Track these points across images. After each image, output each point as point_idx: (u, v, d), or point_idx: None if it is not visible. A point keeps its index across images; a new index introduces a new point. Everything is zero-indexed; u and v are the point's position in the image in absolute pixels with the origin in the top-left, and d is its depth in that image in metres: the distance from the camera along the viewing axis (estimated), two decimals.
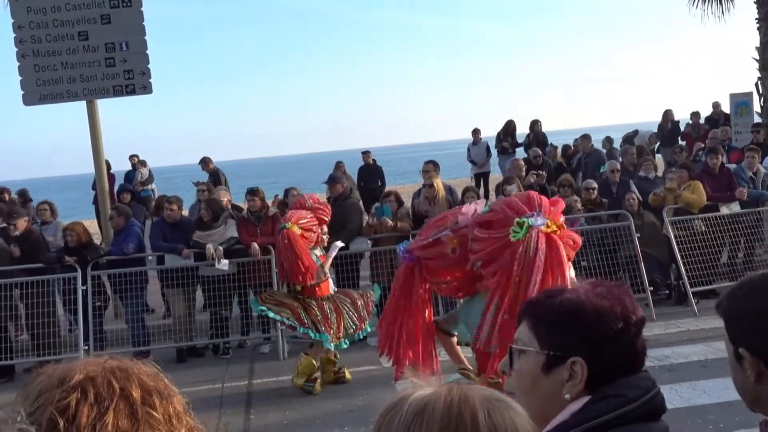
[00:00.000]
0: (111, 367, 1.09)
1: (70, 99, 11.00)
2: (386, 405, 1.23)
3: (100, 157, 11.30)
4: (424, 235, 4.58)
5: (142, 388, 1.08)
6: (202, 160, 14.47)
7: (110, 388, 1.05)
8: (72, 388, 1.04)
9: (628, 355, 1.61)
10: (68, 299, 9.29)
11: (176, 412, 1.10)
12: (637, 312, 1.65)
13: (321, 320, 7.40)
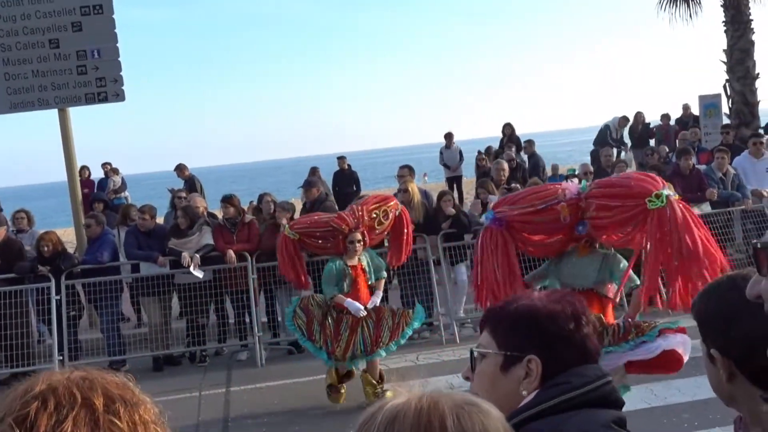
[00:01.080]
0: (75, 377, 1.10)
1: (41, 107, 10.91)
2: (364, 415, 1.26)
3: (73, 165, 11.21)
4: (522, 203, 5.24)
5: (106, 396, 1.09)
6: (178, 167, 14.39)
7: (71, 397, 1.06)
8: (33, 398, 1.05)
9: (579, 353, 1.70)
10: (42, 309, 9.18)
11: (143, 420, 1.10)
12: (587, 314, 1.77)
13: (331, 335, 7.00)
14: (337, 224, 7.03)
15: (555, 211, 5.12)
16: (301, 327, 7.01)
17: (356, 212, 7.12)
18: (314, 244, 7.18)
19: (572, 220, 5.15)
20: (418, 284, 9.54)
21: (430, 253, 9.43)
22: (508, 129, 16.68)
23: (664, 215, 4.87)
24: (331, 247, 7.17)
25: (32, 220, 10.82)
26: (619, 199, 4.96)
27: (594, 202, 5.06)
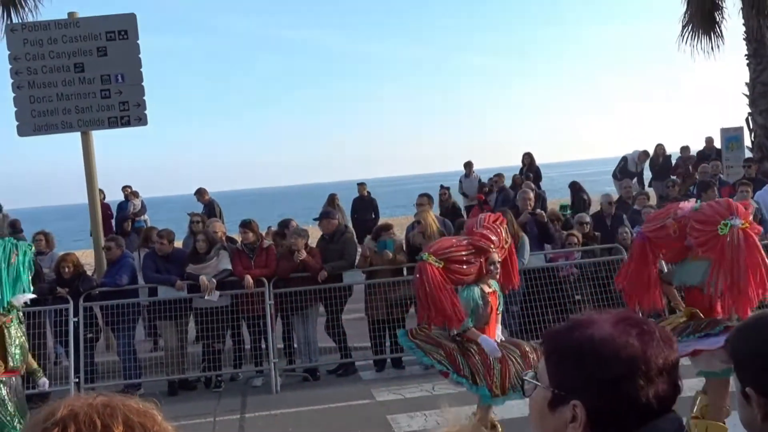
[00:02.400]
0: (97, 404, 1.10)
1: (65, 130, 11.03)
2: None
3: (94, 188, 11.30)
4: (653, 222, 6.24)
5: (126, 424, 1.08)
6: (198, 191, 14.47)
7: (92, 425, 1.05)
8: (53, 424, 1.05)
9: (630, 405, 1.48)
10: (59, 331, 9.20)
11: None
12: (654, 359, 1.49)
13: (482, 370, 5.99)
14: (483, 244, 6.17)
15: (667, 228, 6.00)
16: (442, 361, 6.04)
17: (494, 229, 6.39)
18: (459, 271, 6.12)
19: (680, 235, 5.94)
20: None
21: None
22: (527, 158, 16.66)
23: (725, 242, 5.59)
24: (473, 273, 6.19)
25: (51, 243, 10.89)
26: (700, 223, 5.77)
27: (690, 222, 5.87)
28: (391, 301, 9.35)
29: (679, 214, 6.00)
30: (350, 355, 9.62)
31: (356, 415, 7.73)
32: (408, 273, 9.57)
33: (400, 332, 6.56)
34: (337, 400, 8.28)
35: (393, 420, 7.44)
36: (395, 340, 9.44)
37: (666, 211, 6.35)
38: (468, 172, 17.39)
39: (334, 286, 9.41)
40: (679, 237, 5.97)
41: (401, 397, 8.29)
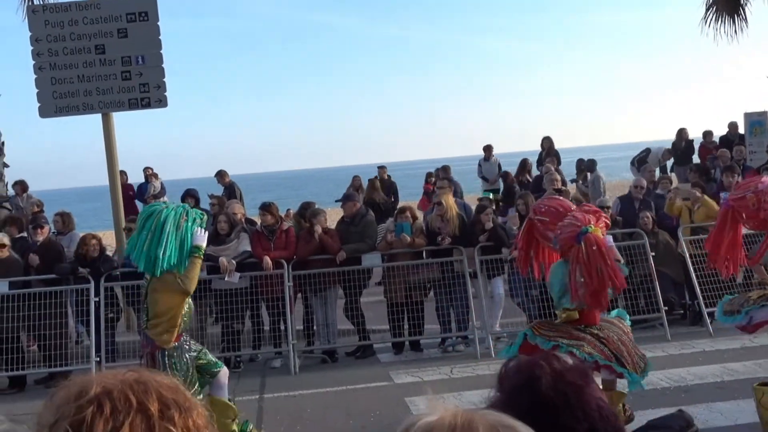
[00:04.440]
0: (129, 380, 1.08)
1: (86, 111, 11.08)
2: (398, 429, 1.21)
3: (115, 169, 11.35)
4: (737, 191, 6.45)
5: (161, 401, 1.06)
6: (218, 173, 14.52)
7: (127, 402, 1.03)
8: (88, 402, 1.03)
9: (571, 418, 1.52)
10: (80, 310, 9.29)
11: (196, 425, 1.08)
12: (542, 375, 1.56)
13: (625, 354, 5.60)
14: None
15: (746, 200, 6.19)
16: (595, 356, 5.49)
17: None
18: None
19: (758, 207, 6.11)
20: (454, 296, 9.46)
21: (466, 265, 9.35)
22: (546, 143, 16.52)
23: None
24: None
25: (69, 223, 10.94)
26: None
27: (764, 197, 6.08)
28: (410, 284, 9.35)
29: (759, 188, 6.20)
30: (368, 337, 9.64)
31: (374, 397, 7.75)
32: (427, 256, 9.57)
33: (527, 331, 5.92)
34: (356, 382, 8.31)
35: (411, 402, 7.44)
36: (414, 323, 9.49)
37: (748, 183, 6.59)
38: (488, 155, 17.29)
39: (353, 268, 9.42)
40: (757, 209, 6.22)
41: (419, 379, 8.29)
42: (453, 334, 9.55)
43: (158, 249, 5.57)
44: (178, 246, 5.65)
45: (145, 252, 5.60)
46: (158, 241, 5.58)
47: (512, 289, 9.68)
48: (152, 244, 5.59)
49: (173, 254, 5.63)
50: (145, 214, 5.78)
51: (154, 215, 5.67)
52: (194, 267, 5.76)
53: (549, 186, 10.13)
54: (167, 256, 5.60)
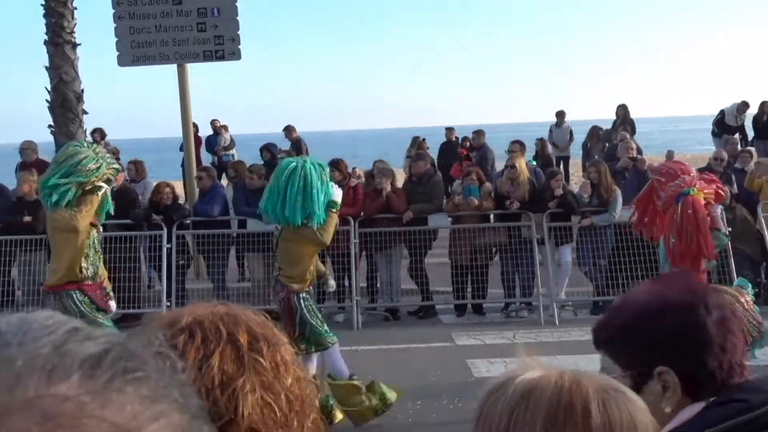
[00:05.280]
0: (220, 312, 1.10)
1: (161, 62, 11.23)
2: (491, 386, 1.17)
3: (188, 121, 11.53)
4: None
5: (250, 334, 1.07)
6: (286, 128, 14.61)
7: (217, 332, 1.05)
8: (180, 330, 1.05)
9: (709, 350, 1.46)
10: (153, 256, 9.55)
11: (284, 360, 1.08)
12: (707, 297, 1.50)
13: None
14: None
15: None
16: None
17: None
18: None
19: None
20: (520, 262, 9.37)
21: (534, 231, 9.23)
22: (621, 110, 16.08)
23: None
24: None
25: (141, 172, 11.15)
26: None
27: None
28: (475, 247, 9.29)
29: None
30: (431, 298, 9.65)
31: (435, 357, 7.77)
32: (495, 220, 9.48)
33: None
34: (417, 341, 8.35)
35: (472, 364, 7.45)
36: (477, 285, 9.45)
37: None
38: (559, 121, 16.96)
39: (419, 228, 9.40)
40: None
41: (481, 342, 8.29)
42: (517, 299, 9.49)
43: (314, 204, 5.62)
44: (323, 200, 5.71)
45: (299, 207, 5.62)
46: (311, 196, 5.62)
47: (580, 258, 9.53)
48: (306, 198, 5.62)
49: (322, 209, 5.70)
50: (287, 171, 5.71)
51: (297, 170, 5.66)
52: (332, 221, 5.85)
53: (624, 155, 9.85)
54: (320, 212, 5.67)
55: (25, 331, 0.49)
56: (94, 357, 0.48)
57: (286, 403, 1.05)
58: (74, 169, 5.24)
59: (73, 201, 5.28)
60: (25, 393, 0.45)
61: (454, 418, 6.18)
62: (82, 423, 0.45)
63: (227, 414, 1.00)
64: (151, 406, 0.48)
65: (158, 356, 0.53)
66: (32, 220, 9.18)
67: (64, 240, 5.42)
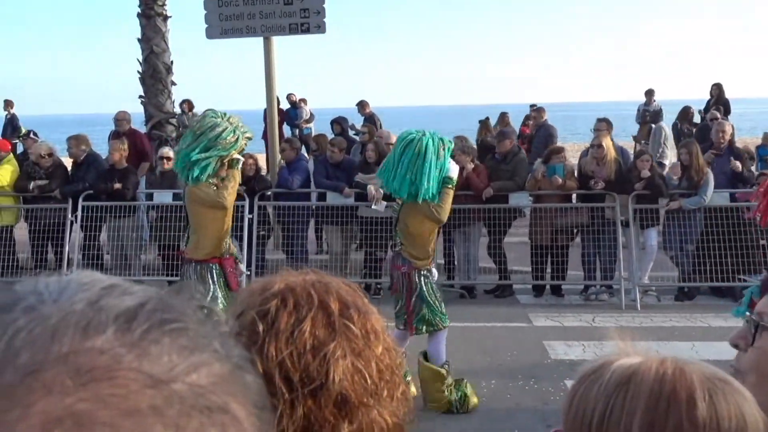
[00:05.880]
0: (311, 279, 1.11)
1: (248, 34, 11.34)
2: (585, 370, 1.11)
3: (272, 94, 11.64)
4: None
5: (341, 301, 1.08)
6: (359, 103, 14.63)
7: (309, 298, 1.07)
8: (273, 295, 1.07)
9: None
10: (234, 226, 9.72)
11: (374, 329, 1.09)
12: None
13: None
14: None
15: None
16: None
17: None
18: None
19: None
20: (602, 244, 9.14)
21: (619, 213, 8.97)
22: (716, 90, 15.42)
23: None
24: None
25: None
26: None
27: None
28: (556, 227, 9.11)
29: None
30: (509, 277, 9.53)
31: (511, 337, 7.68)
32: (577, 200, 9.26)
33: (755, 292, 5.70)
34: (493, 320, 8.27)
35: (549, 346, 7.33)
36: (556, 267, 9.27)
37: None
38: (648, 100, 16.41)
39: (498, 206, 9.27)
40: None
41: (559, 324, 8.14)
42: (597, 282, 9.27)
43: (422, 178, 5.49)
44: (437, 175, 5.57)
45: (408, 179, 5.52)
46: (421, 169, 5.49)
47: (666, 242, 9.21)
48: (416, 172, 5.50)
49: (434, 184, 5.56)
50: (404, 141, 5.62)
51: (414, 142, 5.54)
52: (448, 198, 5.73)
53: (717, 139, 9.43)
54: (430, 186, 5.53)
55: (61, 290, 0.49)
56: (129, 310, 0.48)
57: (376, 371, 1.05)
58: (214, 143, 5.28)
59: (213, 173, 5.36)
60: (60, 348, 0.44)
61: (529, 399, 6.11)
62: (117, 375, 0.44)
63: (318, 378, 1.01)
64: (189, 356, 0.47)
65: (198, 308, 0.52)
66: (122, 187, 9.51)
67: (210, 216, 5.50)
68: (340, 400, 1.01)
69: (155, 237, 9.83)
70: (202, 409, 0.46)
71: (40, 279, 0.51)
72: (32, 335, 0.45)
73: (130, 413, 0.43)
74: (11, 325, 0.45)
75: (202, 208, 5.50)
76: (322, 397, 1.00)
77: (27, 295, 0.48)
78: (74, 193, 9.59)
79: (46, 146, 10.13)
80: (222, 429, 0.47)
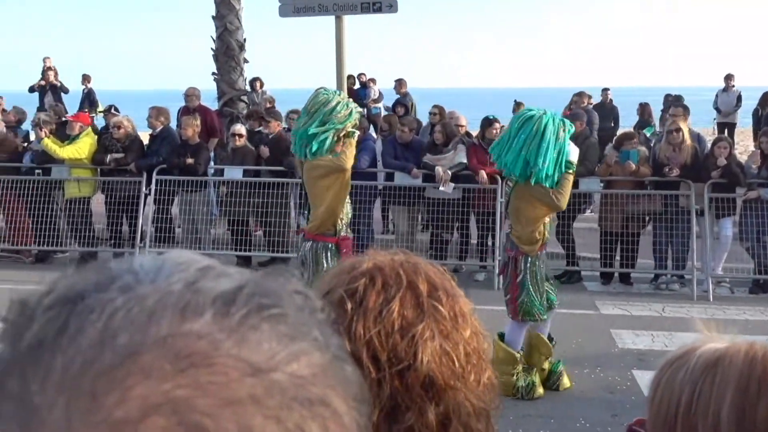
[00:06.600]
0: (399, 259, 1.10)
1: (320, 13, 11.37)
2: (668, 358, 1.10)
3: (343, 72, 11.66)
4: None
5: (429, 282, 1.07)
6: (398, 80, 14.88)
7: (398, 278, 1.05)
8: (361, 274, 1.06)
9: None
10: (302, 203, 9.84)
11: (462, 312, 1.07)
12: None
13: None
14: None
15: None
16: None
17: None
18: None
19: None
20: (675, 233, 8.91)
21: (693, 202, 8.73)
22: None
23: None
24: None
25: None
26: None
27: None
28: (627, 214, 8.92)
29: None
30: (577, 263, 9.39)
31: (578, 324, 7.58)
32: (650, 187, 9.04)
33: None
34: (560, 306, 8.03)
35: (617, 335, 7.22)
36: (626, 254, 9.09)
37: None
38: (727, 85, 15.86)
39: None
40: None
41: (627, 313, 8.00)
42: (668, 271, 9.05)
43: (538, 158, 5.24)
44: (555, 157, 5.29)
45: (522, 156, 5.28)
46: (537, 148, 5.24)
47: (742, 233, 8.93)
48: (531, 150, 5.26)
49: (551, 165, 5.28)
50: (522, 118, 5.38)
51: (533, 120, 5.28)
52: (568, 183, 5.45)
53: None
54: (546, 167, 5.26)
55: (158, 270, 0.47)
56: (227, 293, 0.46)
57: (463, 354, 1.03)
58: (329, 117, 5.26)
59: (330, 148, 5.30)
60: (158, 331, 0.43)
61: (596, 387, 6.04)
62: (216, 362, 0.43)
63: (406, 359, 1.00)
64: (289, 344, 0.45)
65: (296, 294, 0.50)
66: (194, 163, 9.71)
67: (326, 185, 5.41)
68: (428, 381, 1.00)
69: (225, 212, 10.03)
70: (303, 401, 0.44)
71: (135, 257, 0.50)
72: (130, 316, 0.43)
73: (229, 402, 0.42)
74: (108, 305, 0.44)
75: (321, 180, 5.41)
76: (409, 377, 1.00)
77: (123, 274, 0.47)
78: (149, 167, 9.84)
79: (125, 119, 10.41)
80: (322, 423, 0.45)
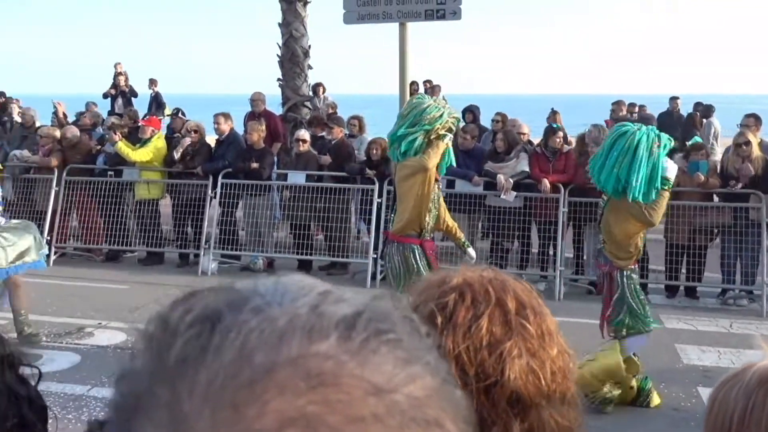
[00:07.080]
0: (488, 276, 1.12)
1: (384, 20, 11.43)
2: (725, 376, 1.12)
3: (405, 79, 11.70)
4: None
5: (517, 300, 1.08)
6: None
7: (487, 295, 1.07)
8: (451, 289, 1.08)
9: None
10: (363, 209, 9.93)
11: (548, 330, 1.09)
12: None
13: None
14: None
15: None
16: None
17: None
18: None
19: None
20: (744, 246, 8.66)
21: (765, 214, 8.47)
22: None
23: None
24: None
25: (363, 127, 11.61)
26: None
27: None
28: (695, 226, 8.71)
29: None
30: (646, 276, 9.20)
31: None
32: (719, 199, 8.81)
33: None
34: None
35: (682, 350, 7.06)
36: (692, 267, 8.87)
37: None
38: None
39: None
40: None
41: (693, 328, 7.81)
42: (737, 286, 8.81)
43: (630, 174, 5.17)
44: (648, 173, 5.20)
45: (615, 174, 5.24)
46: (629, 165, 5.18)
47: None
48: (623, 167, 5.20)
49: (644, 182, 5.19)
50: (615, 134, 5.34)
51: (626, 136, 5.23)
52: (663, 200, 5.35)
53: None
54: (639, 184, 5.18)
55: (283, 293, 0.51)
56: (348, 318, 0.49)
57: (549, 373, 1.05)
58: (419, 119, 5.31)
59: (420, 149, 5.34)
60: (289, 351, 0.46)
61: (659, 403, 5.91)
62: (342, 382, 0.46)
63: (494, 375, 1.02)
64: (405, 367, 0.48)
65: (406, 319, 0.53)
66: (259, 167, 9.88)
67: (410, 185, 5.43)
68: (514, 398, 1.02)
69: (287, 216, 10.17)
70: (420, 421, 0.47)
71: (258, 280, 0.53)
72: (263, 336, 0.47)
73: (354, 420, 0.45)
74: (244, 325, 0.48)
75: (406, 180, 5.45)
76: (495, 393, 1.02)
77: (251, 296, 0.51)
78: (215, 171, 10.06)
79: (194, 124, 10.66)
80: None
